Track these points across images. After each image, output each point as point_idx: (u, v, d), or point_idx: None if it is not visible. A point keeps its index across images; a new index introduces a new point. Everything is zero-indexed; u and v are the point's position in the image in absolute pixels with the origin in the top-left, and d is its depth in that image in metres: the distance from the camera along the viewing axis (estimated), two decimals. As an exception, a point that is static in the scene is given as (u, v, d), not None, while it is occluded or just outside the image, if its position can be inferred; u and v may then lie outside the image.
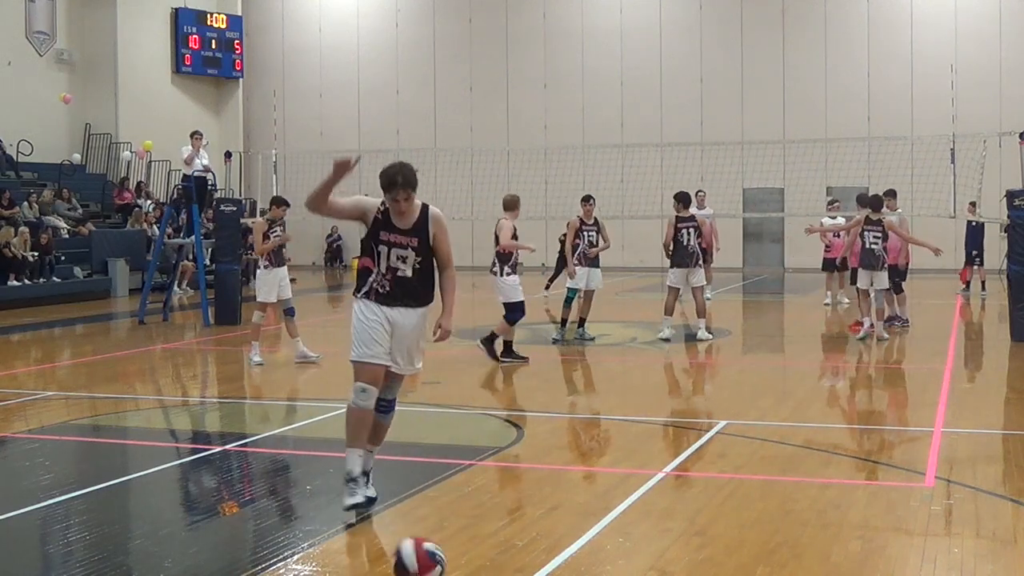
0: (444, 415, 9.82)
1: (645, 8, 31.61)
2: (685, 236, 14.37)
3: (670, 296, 14.50)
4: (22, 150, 27.43)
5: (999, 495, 6.65)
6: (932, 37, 29.01)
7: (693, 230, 14.41)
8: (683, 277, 14.40)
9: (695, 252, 14.41)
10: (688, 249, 14.37)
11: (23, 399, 10.66)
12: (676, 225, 14.42)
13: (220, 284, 17.69)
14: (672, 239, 14.43)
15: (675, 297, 14.52)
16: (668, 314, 14.46)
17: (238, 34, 33.86)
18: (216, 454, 8.29)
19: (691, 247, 14.37)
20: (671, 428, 9.17)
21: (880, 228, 14.34)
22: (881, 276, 14.35)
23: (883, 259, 14.32)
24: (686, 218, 14.46)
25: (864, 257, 14.35)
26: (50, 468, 7.89)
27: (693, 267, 14.39)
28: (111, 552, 5.84)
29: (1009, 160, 16.15)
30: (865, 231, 14.35)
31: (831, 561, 5.45)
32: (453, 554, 5.58)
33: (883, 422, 9.58)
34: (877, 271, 14.30)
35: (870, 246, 14.30)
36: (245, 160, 25.81)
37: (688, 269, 14.37)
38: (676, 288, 14.45)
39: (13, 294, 20.98)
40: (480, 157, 26.57)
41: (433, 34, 33.49)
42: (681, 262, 14.39)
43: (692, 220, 14.45)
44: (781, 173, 26.64)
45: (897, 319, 15.81)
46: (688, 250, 14.37)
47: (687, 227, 14.39)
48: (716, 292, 22.05)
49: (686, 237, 14.36)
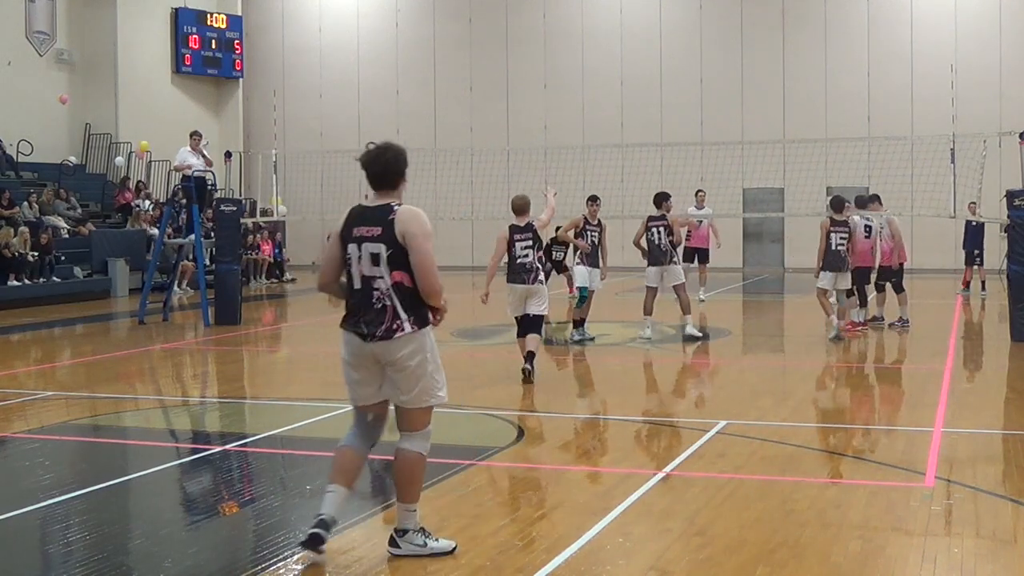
0: (444, 415, 9.80)
1: (645, 8, 31.61)
2: (656, 235, 14.54)
3: (648, 296, 14.63)
4: (22, 150, 27.43)
5: (999, 495, 6.65)
6: (932, 37, 29.01)
7: (663, 229, 14.54)
8: (658, 276, 14.55)
9: (667, 250, 14.54)
10: (661, 248, 14.51)
11: (23, 399, 10.66)
12: (647, 224, 14.64)
13: (220, 284, 17.68)
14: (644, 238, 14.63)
15: (653, 296, 14.63)
16: (647, 314, 14.59)
17: (238, 34, 33.86)
18: (216, 454, 8.29)
19: (663, 245, 14.51)
20: (671, 428, 9.16)
21: (846, 229, 14.38)
22: (845, 277, 14.39)
23: (848, 260, 14.36)
24: (657, 217, 14.61)
25: (830, 258, 14.39)
26: (50, 468, 7.88)
27: (667, 265, 14.52)
28: (111, 552, 5.84)
29: (1009, 160, 16.15)
30: (831, 232, 14.40)
31: (831, 561, 5.45)
32: (453, 554, 5.58)
33: (883, 422, 9.58)
34: (842, 272, 14.35)
35: (836, 247, 14.33)
36: (245, 160, 25.82)
37: (662, 267, 14.51)
38: (653, 287, 14.59)
39: (13, 294, 20.98)
40: (480, 157, 26.56)
41: (433, 34, 33.49)
42: (653, 260, 14.56)
43: (663, 219, 14.60)
44: (781, 173, 26.64)
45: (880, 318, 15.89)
46: (660, 249, 14.52)
47: (657, 226, 14.55)
48: (716, 292, 22.06)
49: (657, 236, 14.53)
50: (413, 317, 5.46)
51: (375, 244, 5.45)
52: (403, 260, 5.43)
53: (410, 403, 5.55)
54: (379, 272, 5.45)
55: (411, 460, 5.59)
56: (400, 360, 5.44)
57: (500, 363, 12.53)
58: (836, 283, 14.39)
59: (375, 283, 5.46)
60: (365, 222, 5.53)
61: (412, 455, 5.59)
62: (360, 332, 5.48)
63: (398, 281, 5.44)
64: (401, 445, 5.62)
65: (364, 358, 5.53)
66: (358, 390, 5.64)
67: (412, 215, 5.48)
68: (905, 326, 15.67)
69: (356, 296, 5.55)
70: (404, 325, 5.43)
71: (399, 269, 5.44)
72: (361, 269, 5.50)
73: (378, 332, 5.43)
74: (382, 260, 5.43)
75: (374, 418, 5.71)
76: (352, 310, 5.57)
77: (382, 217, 5.48)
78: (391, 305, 5.44)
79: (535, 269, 11.35)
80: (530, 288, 11.31)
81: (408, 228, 5.42)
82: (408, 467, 5.59)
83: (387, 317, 5.43)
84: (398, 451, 5.62)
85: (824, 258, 14.32)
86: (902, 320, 15.78)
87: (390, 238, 5.42)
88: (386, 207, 5.51)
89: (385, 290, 5.45)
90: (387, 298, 5.45)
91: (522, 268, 11.34)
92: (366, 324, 5.45)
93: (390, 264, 5.43)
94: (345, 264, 5.59)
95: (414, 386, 5.50)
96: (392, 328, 5.42)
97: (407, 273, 5.45)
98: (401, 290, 5.44)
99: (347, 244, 5.56)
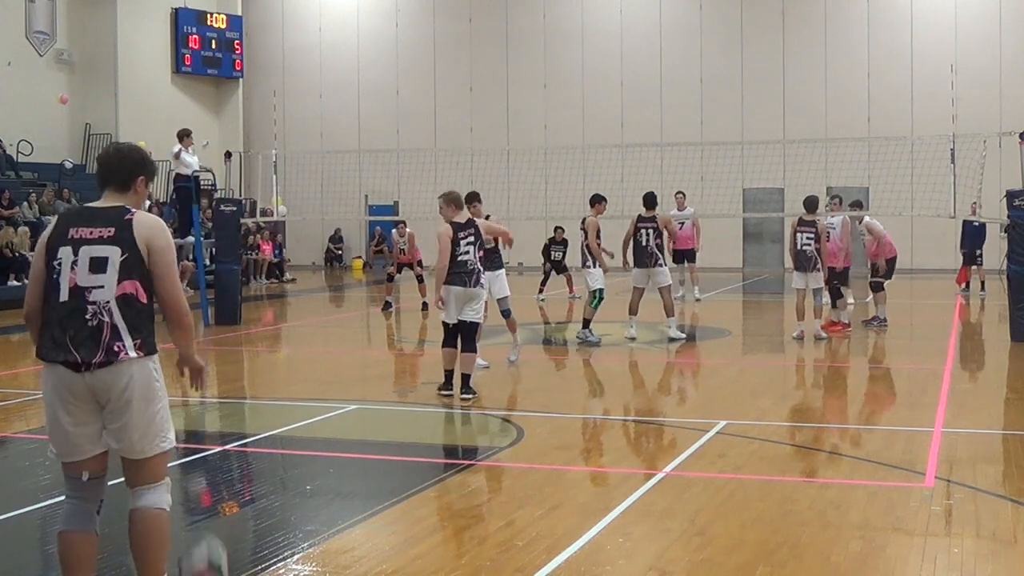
0: (444, 415, 9.81)
1: (645, 8, 31.62)
2: (644, 236, 14.56)
3: (634, 296, 14.68)
4: (22, 150, 27.44)
5: (999, 495, 6.65)
6: (932, 37, 29.02)
7: (652, 231, 14.55)
8: (644, 277, 14.59)
9: (653, 252, 14.57)
10: (647, 250, 14.54)
11: (23, 399, 10.66)
12: (636, 225, 14.65)
13: (220, 284, 17.68)
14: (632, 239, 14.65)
15: (639, 297, 14.70)
16: (632, 313, 14.66)
17: (238, 34, 33.88)
18: (216, 454, 8.29)
19: (649, 248, 14.54)
20: (671, 428, 9.16)
21: (814, 229, 14.43)
22: (815, 276, 14.43)
23: (815, 260, 14.41)
24: (647, 219, 14.61)
25: (797, 258, 14.43)
26: (50, 468, 7.87)
27: (653, 267, 14.55)
28: (111, 552, 5.84)
29: (1009, 160, 16.14)
30: (798, 232, 14.43)
31: (831, 561, 5.44)
32: (453, 554, 5.59)
33: (883, 422, 9.58)
34: (809, 272, 14.39)
35: (802, 247, 14.38)
36: (245, 160, 25.80)
37: (648, 269, 14.55)
38: (640, 288, 14.66)
39: (13, 294, 20.94)
40: (480, 157, 26.55)
41: (433, 34, 33.50)
42: (639, 262, 14.60)
43: (652, 220, 14.60)
44: (781, 173, 26.62)
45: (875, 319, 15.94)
46: (647, 251, 14.54)
47: (646, 228, 14.56)
48: (716, 292, 22.06)
49: (644, 238, 14.55)
50: (139, 341, 4.42)
51: (104, 246, 4.42)
52: (139, 269, 4.43)
53: (141, 450, 4.48)
54: (100, 281, 4.39)
55: (157, 519, 4.53)
56: (124, 393, 4.39)
57: (499, 363, 12.52)
58: (807, 283, 14.47)
59: (90, 294, 4.39)
60: (88, 222, 4.50)
61: (155, 513, 4.52)
62: (70, 360, 4.37)
63: (128, 293, 4.41)
64: (139, 504, 4.52)
65: (76, 395, 4.41)
66: (71, 440, 4.45)
67: (159, 224, 4.57)
68: (882, 325, 15.72)
69: (59, 311, 4.43)
70: (127, 349, 4.39)
71: (132, 279, 4.42)
72: (74, 277, 4.41)
73: (94, 358, 4.35)
74: (110, 266, 4.40)
75: (91, 479, 4.54)
76: (54, 334, 4.42)
77: (116, 218, 4.50)
78: (109, 323, 4.38)
79: (477, 271, 10.21)
80: (469, 291, 10.16)
81: (156, 241, 4.47)
82: (156, 528, 4.52)
83: (104, 337, 4.37)
84: (136, 512, 4.52)
85: (793, 259, 14.46)
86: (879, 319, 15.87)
87: (128, 241, 4.43)
88: (120, 208, 4.55)
89: (103, 303, 4.38)
90: (104, 313, 4.38)
91: (463, 268, 10.14)
92: (76, 348, 4.36)
93: (121, 271, 4.40)
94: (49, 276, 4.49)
95: (144, 427, 4.44)
96: (113, 350, 4.37)
97: (142, 285, 4.44)
98: (129, 305, 4.41)
99: (55, 250, 4.48)
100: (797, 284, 14.66)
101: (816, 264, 14.43)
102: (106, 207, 4.57)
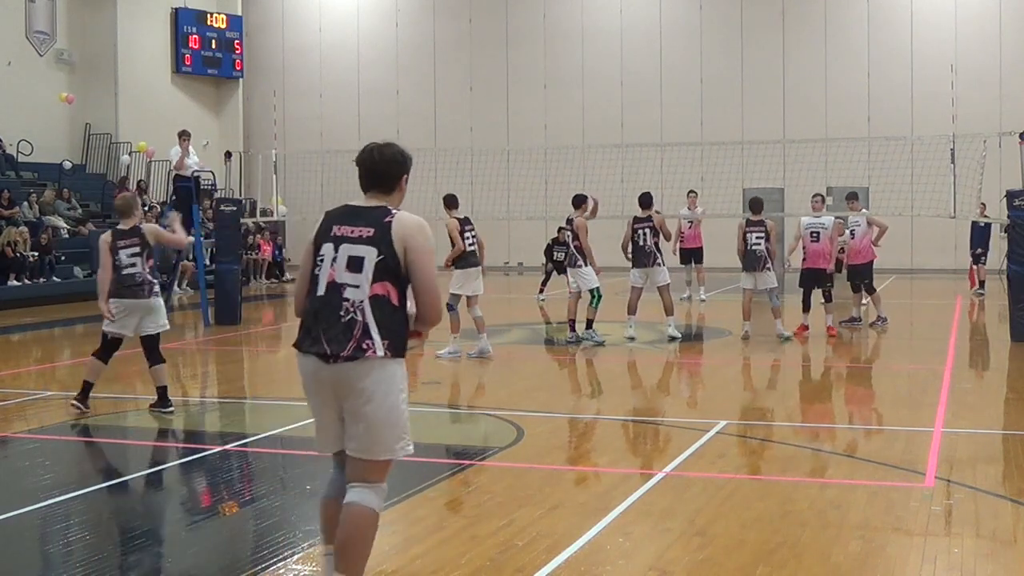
0: (444, 415, 9.82)
1: (645, 8, 31.61)
2: (641, 236, 14.58)
3: (632, 295, 14.71)
4: (22, 150, 27.44)
5: (999, 495, 6.65)
6: (932, 37, 29.00)
7: (649, 231, 14.58)
8: (643, 276, 14.62)
9: (652, 252, 14.58)
10: (645, 249, 14.56)
11: (23, 399, 10.66)
12: (633, 226, 14.68)
13: (220, 284, 17.68)
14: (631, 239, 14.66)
15: (638, 296, 14.72)
16: (631, 313, 14.68)
17: (238, 34, 33.85)
18: (216, 454, 8.29)
19: (648, 247, 14.56)
20: (671, 428, 9.16)
21: (763, 229, 14.42)
22: (765, 276, 14.43)
23: (765, 259, 14.39)
24: (643, 219, 14.64)
25: (747, 258, 14.44)
26: (50, 468, 7.89)
27: (652, 266, 14.58)
28: (111, 552, 5.84)
29: (1009, 160, 16.14)
30: (747, 232, 14.44)
31: (831, 561, 5.45)
32: (453, 554, 5.58)
33: (883, 422, 9.58)
34: (759, 272, 14.39)
35: (752, 247, 14.38)
36: (245, 160, 25.81)
37: (647, 268, 14.57)
38: (638, 288, 14.69)
39: (13, 294, 20.98)
40: (480, 157, 26.54)
41: (433, 34, 33.49)
42: (638, 262, 14.61)
43: (648, 220, 14.63)
44: (781, 173, 26.59)
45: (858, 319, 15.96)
46: (645, 250, 14.56)
47: (643, 228, 14.59)
48: (717, 292, 22.07)
49: (642, 237, 14.58)
50: (388, 342, 4.48)
51: (361, 246, 4.51)
52: (393, 272, 4.50)
53: (372, 451, 4.53)
54: (356, 280, 4.49)
55: (363, 517, 4.52)
56: (365, 389, 4.45)
57: (499, 363, 12.53)
58: (756, 283, 14.45)
59: (345, 291, 4.49)
60: (351, 220, 4.61)
61: (365, 511, 4.52)
62: (320, 352, 4.48)
63: (379, 295, 4.48)
64: (352, 499, 4.55)
65: (321, 383, 4.55)
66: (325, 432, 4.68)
67: (418, 225, 4.57)
68: (872, 325, 15.77)
69: (315, 304, 4.55)
70: (376, 347, 4.45)
71: (386, 280, 4.50)
72: (332, 273, 4.53)
73: (343, 352, 4.44)
74: (366, 266, 4.49)
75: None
76: (309, 326, 4.56)
77: (377, 218, 4.57)
78: (361, 321, 4.46)
79: (147, 282, 9.48)
80: (146, 303, 9.56)
81: (413, 240, 4.51)
82: (360, 527, 4.50)
83: (356, 333, 4.45)
84: (346, 506, 4.55)
85: (742, 258, 14.46)
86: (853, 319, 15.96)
87: (385, 243, 4.50)
88: (382, 208, 4.62)
89: (357, 302, 4.47)
90: (357, 312, 4.47)
91: (131, 281, 9.38)
92: (328, 342, 4.46)
93: (376, 273, 4.48)
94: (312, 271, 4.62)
95: (379, 428, 4.49)
96: (362, 347, 4.44)
97: (395, 288, 4.52)
98: (381, 307, 4.48)
99: (320, 247, 4.62)
100: (745, 284, 14.63)
101: (767, 264, 14.44)
102: (369, 207, 4.66)
